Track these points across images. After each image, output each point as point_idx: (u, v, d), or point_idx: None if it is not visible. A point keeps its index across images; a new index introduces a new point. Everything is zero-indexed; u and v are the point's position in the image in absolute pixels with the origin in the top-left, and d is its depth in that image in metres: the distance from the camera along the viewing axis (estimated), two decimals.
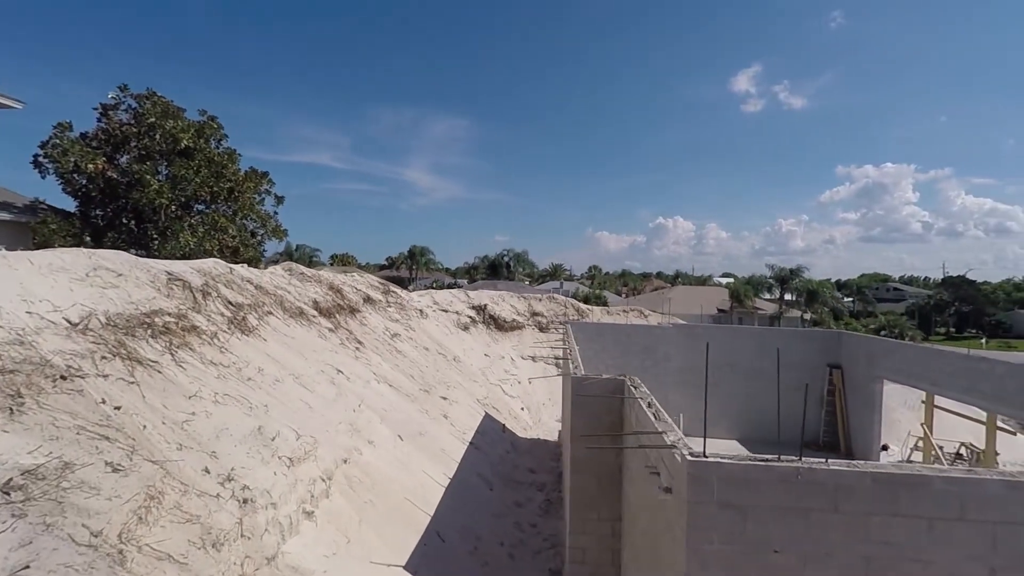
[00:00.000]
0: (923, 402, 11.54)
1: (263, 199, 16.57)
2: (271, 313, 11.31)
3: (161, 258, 13.34)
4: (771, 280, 58.50)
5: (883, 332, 47.65)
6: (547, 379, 18.32)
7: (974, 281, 72.78)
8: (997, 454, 10.30)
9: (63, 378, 5.53)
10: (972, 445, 14.05)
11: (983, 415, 13.95)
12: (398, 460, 9.28)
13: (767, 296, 62.57)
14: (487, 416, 14.33)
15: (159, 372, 6.69)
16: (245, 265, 12.50)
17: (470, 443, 12.03)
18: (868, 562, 3.30)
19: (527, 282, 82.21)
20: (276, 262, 22.17)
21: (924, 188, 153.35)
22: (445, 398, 13.83)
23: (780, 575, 3.32)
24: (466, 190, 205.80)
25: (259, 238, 16.49)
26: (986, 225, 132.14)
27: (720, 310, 57.17)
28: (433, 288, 71.25)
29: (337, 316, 14.17)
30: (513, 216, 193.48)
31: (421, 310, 19.27)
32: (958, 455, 14.50)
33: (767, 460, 3.49)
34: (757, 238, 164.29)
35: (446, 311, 20.20)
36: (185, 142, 14.13)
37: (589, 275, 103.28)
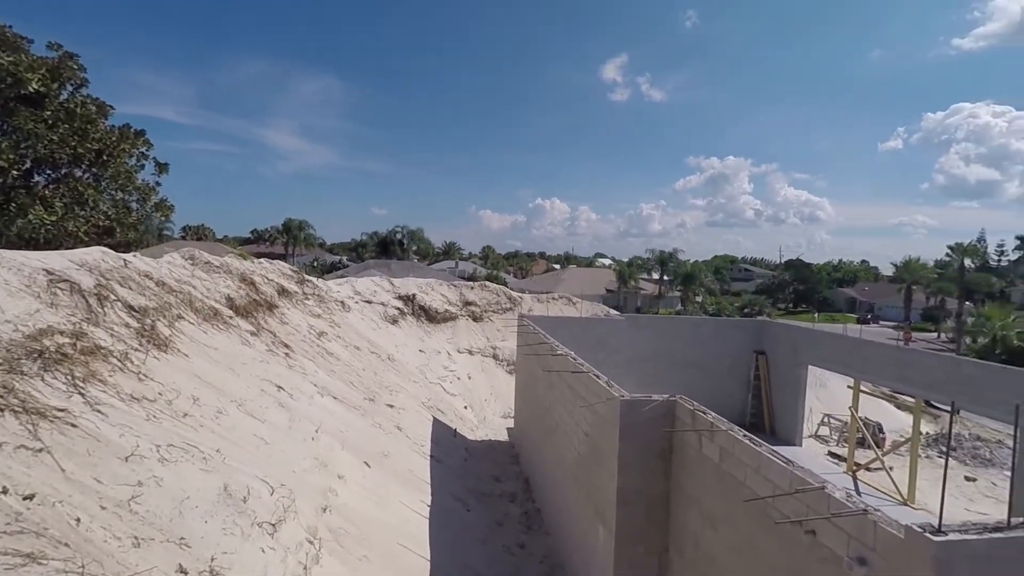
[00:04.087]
0: (849, 387, 12.84)
1: (142, 165, 13.09)
2: (182, 317, 9.02)
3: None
4: (652, 262, 63.07)
5: (746, 309, 53.90)
6: (486, 373, 17.47)
7: (808, 264, 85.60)
8: (922, 433, 11.81)
9: None
10: (867, 419, 16.08)
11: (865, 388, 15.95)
12: (373, 494, 7.90)
13: (647, 277, 67.45)
14: (436, 421, 13.15)
15: (73, 426, 4.69)
16: (137, 254, 9.83)
17: (431, 457, 10.85)
18: None
19: (416, 260, 79.42)
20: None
21: (757, 180, 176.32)
22: (392, 406, 12.37)
23: None
24: (341, 157, 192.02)
25: (137, 215, 13.05)
26: (802, 214, 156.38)
27: (608, 290, 60.38)
28: (315, 266, 65.48)
29: (256, 315, 11.91)
30: (393, 188, 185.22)
31: (342, 302, 17.19)
32: (824, 422, 16.59)
33: (1004, 529, 3.08)
34: (622, 221, 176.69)
35: (370, 302, 18.29)
36: (34, 86, 10.39)
37: (483, 255, 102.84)
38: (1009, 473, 12.46)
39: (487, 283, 20.83)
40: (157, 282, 9.53)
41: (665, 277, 63.71)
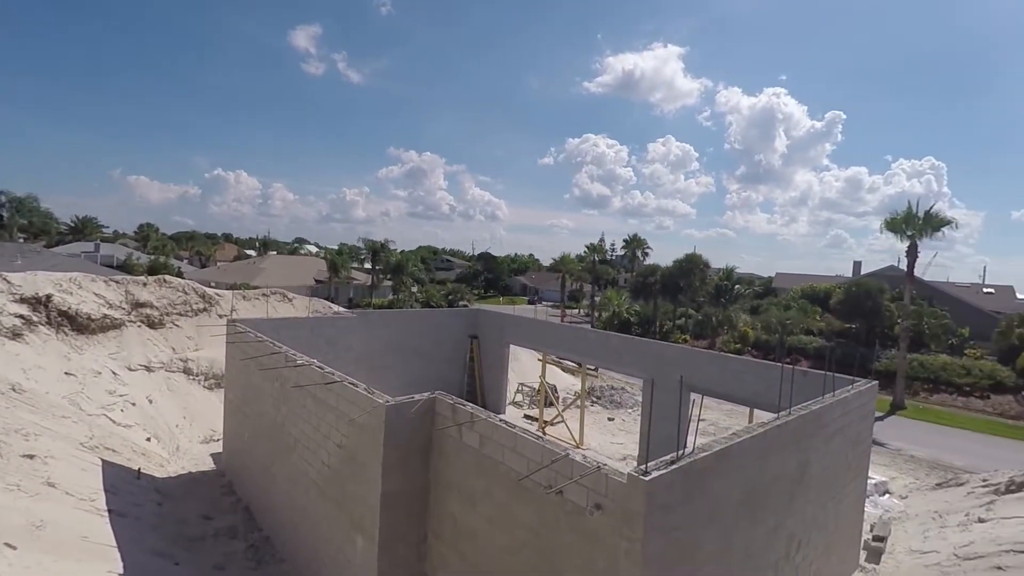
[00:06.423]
0: (540, 360, 15.70)
1: None
2: None
3: None
4: (364, 252, 62.55)
5: (450, 297, 59.16)
6: (174, 393, 14.38)
7: (495, 256, 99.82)
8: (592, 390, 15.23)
9: None
10: (547, 383, 19.93)
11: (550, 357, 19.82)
12: None
13: (358, 267, 66.60)
14: (106, 464, 10.23)
15: None
16: None
17: (109, 511, 8.45)
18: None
19: (23, 240, 58.36)
20: None
21: (450, 177, 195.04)
22: (32, 456, 9.03)
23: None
24: None
25: None
26: (486, 212, 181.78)
27: (318, 281, 57.20)
28: None
29: None
30: None
31: None
32: (519, 390, 20.13)
33: (675, 462, 4.42)
34: (324, 204, 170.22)
35: None
36: None
37: (140, 235, 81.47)
38: (631, 410, 17.64)
39: (168, 278, 16.89)
40: None
41: (377, 267, 64.02)
